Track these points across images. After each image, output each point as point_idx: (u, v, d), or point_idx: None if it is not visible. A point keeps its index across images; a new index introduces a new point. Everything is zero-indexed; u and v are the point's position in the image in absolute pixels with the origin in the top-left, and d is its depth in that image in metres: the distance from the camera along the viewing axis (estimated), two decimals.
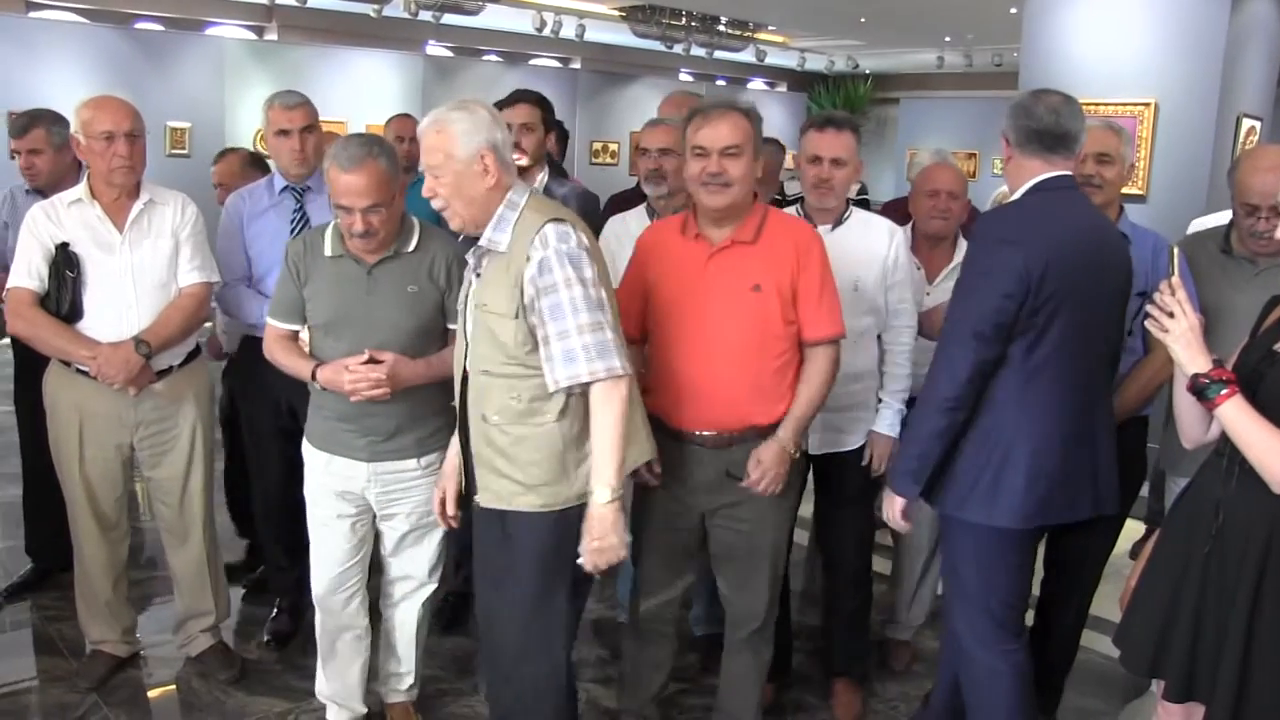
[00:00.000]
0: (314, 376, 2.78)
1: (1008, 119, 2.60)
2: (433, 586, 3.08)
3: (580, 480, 2.46)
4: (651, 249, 2.81)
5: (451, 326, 2.82)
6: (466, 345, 2.52)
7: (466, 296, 2.56)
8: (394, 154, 2.73)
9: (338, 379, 2.72)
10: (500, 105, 3.58)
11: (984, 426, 2.54)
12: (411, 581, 3.05)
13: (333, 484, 2.90)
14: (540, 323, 2.36)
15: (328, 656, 3.07)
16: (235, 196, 3.60)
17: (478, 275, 2.50)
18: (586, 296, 2.35)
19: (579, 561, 2.40)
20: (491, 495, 2.51)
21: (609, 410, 2.35)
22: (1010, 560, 2.65)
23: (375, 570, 3.09)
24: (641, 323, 2.79)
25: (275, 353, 2.89)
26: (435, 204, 2.44)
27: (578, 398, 2.42)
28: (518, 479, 2.47)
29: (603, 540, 2.37)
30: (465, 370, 2.53)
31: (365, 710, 3.17)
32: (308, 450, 2.95)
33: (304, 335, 2.92)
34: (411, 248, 2.82)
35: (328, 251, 2.81)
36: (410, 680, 3.16)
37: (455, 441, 2.69)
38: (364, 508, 2.93)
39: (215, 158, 4.45)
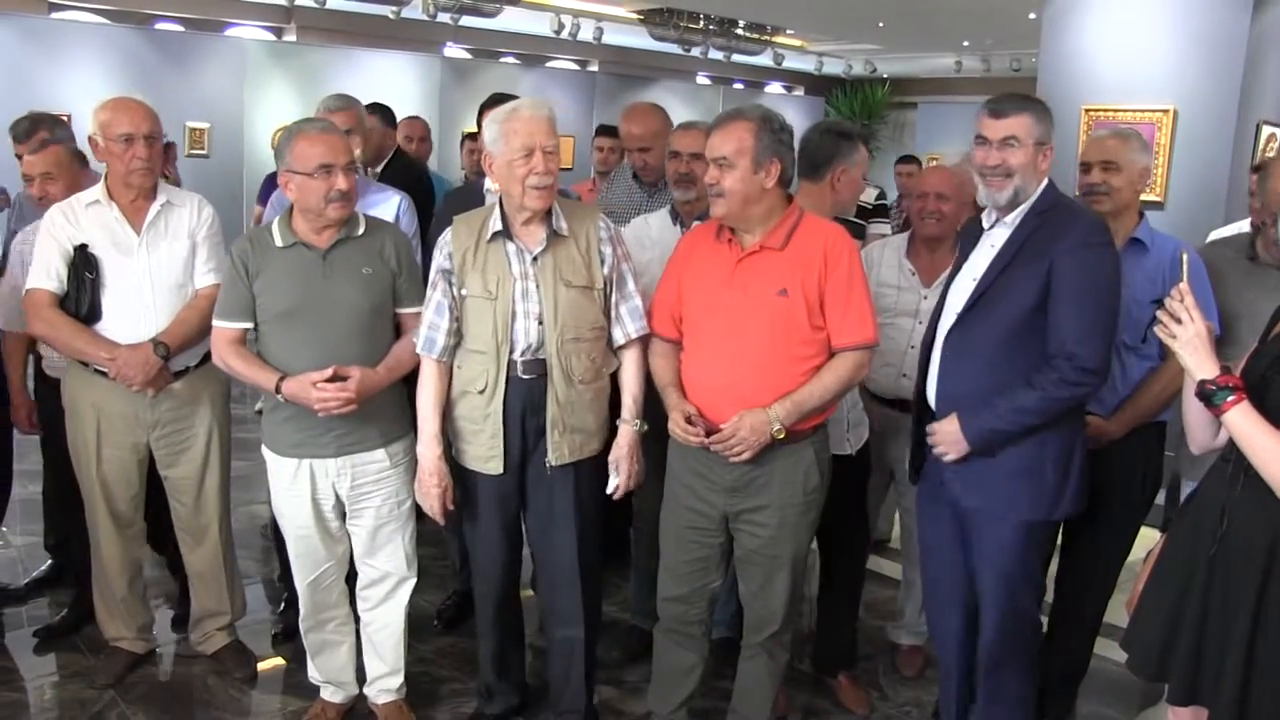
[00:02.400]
0: (278, 390, 2.80)
1: (1049, 126, 2.64)
2: (413, 580, 3.13)
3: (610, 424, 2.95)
4: (689, 252, 2.87)
5: (403, 310, 2.96)
6: (536, 325, 2.76)
7: (504, 282, 2.76)
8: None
9: (305, 395, 2.77)
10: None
11: (1056, 425, 2.61)
12: (391, 579, 3.09)
13: (304, 491, 2.93)
14: (614, 289, 2.86)
15: (315, 645, 3.16)
16: (279, 192, 3.68)
17: (535, 260, 2.78)
18: (632, 268, 2.91)
19: (612, 490, 2.90)
20: (564, 453, 2.84)
21: (643, 358, 2.90)
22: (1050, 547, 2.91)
23: (350, 577, 3.15)
24: (679, 322, 2.84)
25: (231, 360, 2.88)
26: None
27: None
28: (589, 429, 2.89)
29: (640, 463, 2.91)
30: (512, 358, 2.77)
31: (359, 690, 3.23)
32: (272, 459, 2.97)
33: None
34: (360, 232, 2.92)
35: (278, 243, 2.86)
36: (400, 679, 3.19)
37: (435, 445, 2.83)
38: (338, 507, 2.98)
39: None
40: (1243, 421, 2.03)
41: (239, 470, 3.76)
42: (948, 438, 2.65)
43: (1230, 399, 2.04)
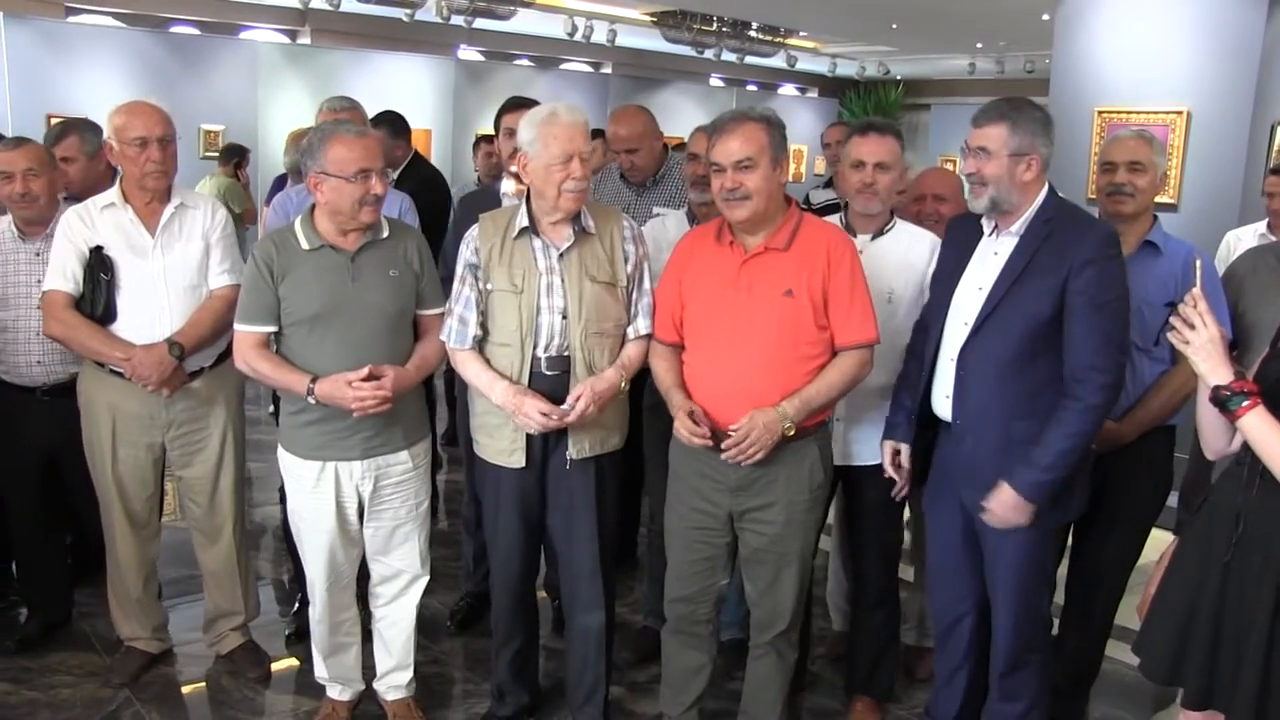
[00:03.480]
0: (309, 391, 2.79)
1: (1044, 139, 2.60)
2: (425, 578, 3.15)
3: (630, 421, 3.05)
4: (687, 255, 2.86)
5: (424, 312, 2.98)
6: (560, 319, 2.79)
7: (530, 276, 2.80)
8: None
9: (341, 395, 2.77)
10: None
11: None
12: (405, 577, 3.11)
13: (328, 494, 2.93)
14: (633, 286, 2.91)
15: (327, 646, 3.15)
16: (283, 195, 3.76)
17: (561, 256, 2.82)
18: (650, 269, 2.96)
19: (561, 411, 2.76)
20: (585, 446, 2.88)
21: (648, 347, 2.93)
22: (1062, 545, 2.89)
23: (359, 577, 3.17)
24: (679, 326, 2.84)
25: (257, 364, 2.85)
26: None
27: None
28: (610, 424, 2.93)
29: (591, 411, 2.79)
30: (536, 354, 2.80)
31: (364, 685, 3.26)
32: (292, 462, 2.96)
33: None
34: (385, 235, 2.93)
35: (304, 245, 2.85)
36: (409, 675, 3.21)
37: (500, 380, 2.81)
38: (359, 510, 2.99)
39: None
40: (1259, 426, 2.02)
41: (253, 471, 3.78)
42: (1010, 506, 2.58)
43: (1245, 404, 2.03)
